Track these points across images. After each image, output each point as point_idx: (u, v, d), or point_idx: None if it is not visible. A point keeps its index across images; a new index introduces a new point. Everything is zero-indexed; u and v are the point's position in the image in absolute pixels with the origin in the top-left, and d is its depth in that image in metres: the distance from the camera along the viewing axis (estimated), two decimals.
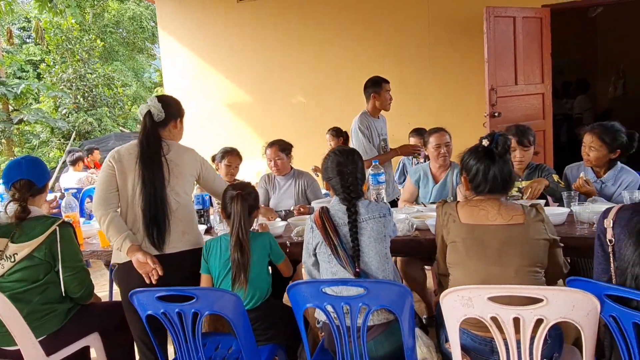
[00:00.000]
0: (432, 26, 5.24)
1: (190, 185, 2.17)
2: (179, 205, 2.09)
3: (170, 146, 2.12)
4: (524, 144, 2.78)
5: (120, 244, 1.99)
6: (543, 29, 4.76)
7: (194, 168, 2.18)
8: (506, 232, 1.64)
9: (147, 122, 2.10)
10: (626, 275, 1.35)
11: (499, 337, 1.44)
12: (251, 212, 2.06)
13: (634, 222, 1.40)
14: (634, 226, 1.39)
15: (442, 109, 5.24)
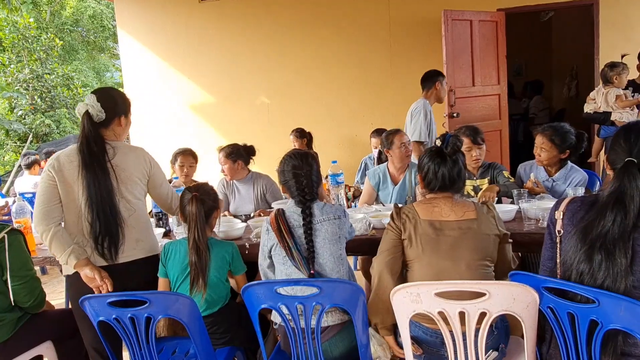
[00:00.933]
0: (394, 29, 5.34)
1: (141, 188, 2.05)
2: (132, 212, 1.98)
3: (115, 149, 1.96)
4: (478, 142, 2.88)
5: (65, 260, 1.89)
6: (498, 32, 4.93)
7: (143, 169, 2.03)
8: (460, 228, 1.71)
9: (86, 124, 1.92)
10: (571, 270, 1.41)
11: (446, 330, 1.49)
12: (210, 214, 2.05)
13: (579, 215, 1.48)
14: (578, 220, 1.47)
15: (404, 110, 5.31)
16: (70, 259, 1.88)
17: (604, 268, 1.34)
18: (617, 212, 1.35)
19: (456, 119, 4.52)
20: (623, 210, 1.35)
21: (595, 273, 1.35)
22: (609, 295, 1.28)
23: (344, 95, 5.51)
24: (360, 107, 5.49)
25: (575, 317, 1.34)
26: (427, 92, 3.82)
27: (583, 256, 1.38)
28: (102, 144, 1.94)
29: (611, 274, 1.33)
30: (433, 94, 3.79)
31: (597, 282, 1.35)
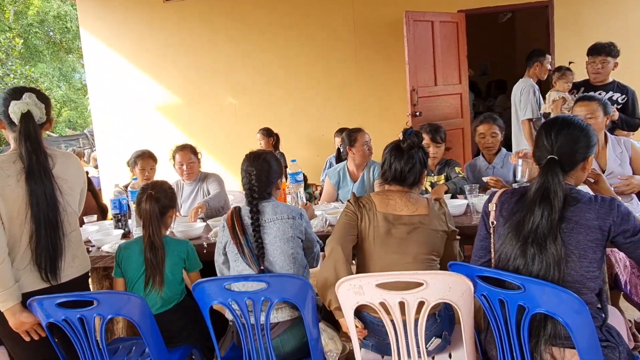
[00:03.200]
0: (358, 29, 5.41)
1: (77, 199, 1.90)
2: (73, 228, 1.85)
3: (53, 157, 1.77)
4: (437, 140, 2.99)
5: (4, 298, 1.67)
6: (459, 32, 5.06)
7: (81, 179, 1.90)
8: (411, 222, 1.77)
9: (31, 127, 1.70)
10: (508, 266, 1.49)
11: (387, 320, 1.55)
12: (165, 212, 2.06)
13: (508, 208, 1.55)
14: (508, 211, 1.55)
15: (369, 109, 5.42)
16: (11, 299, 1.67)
17: (537, 261, 1.42)
18: (544, 208, 1.43)
19: (419, 117, 4.62)
20: (549, 205, 1.43)
21: (530, 266, 1.43)
22: (533, 281, 1.35)
23: (310, 95, 5.56)
24: (326, 107, 5.55)
25: (505, 303, 1.41)
26: (528, 71, 4.07)
27: (518, 252, 1.46)
28: (45, 151, 1.74)
29: (544, 265, 1.41)
30: (533, 72, 4.03)
31: (532, 275, 1.43)
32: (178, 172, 3.22)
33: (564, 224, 1.44)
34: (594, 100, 2.60)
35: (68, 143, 12.45)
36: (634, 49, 5.06)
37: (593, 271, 1.42)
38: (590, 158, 1.55)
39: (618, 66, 3.74)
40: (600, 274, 1.44)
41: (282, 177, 2.15)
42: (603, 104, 2.58)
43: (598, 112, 2.54)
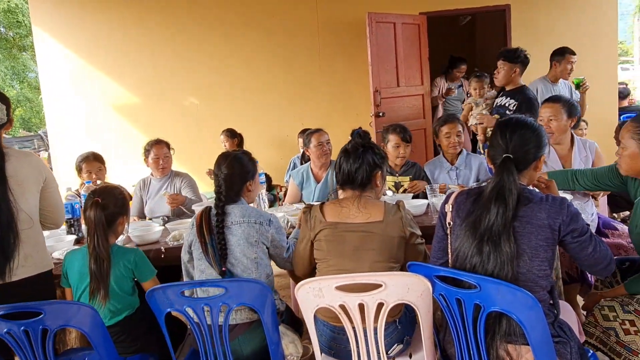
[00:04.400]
0: (321, 30, 5.41)
1: (36, 198, 1.89)
2: (30, 226, 1.84)
3: (9, 156, 1.80)
4: (407, 139, 2.99)
5: None
6: (421, 34, 5.14)
7: (39, 177, 1.89)
8: (364, 230, 1.73)
9: None
10: (465, 264, 1.50)
11: (347, 322, 1.54)
12: (113, 220, 1.96)
13: (465, 208, 1.57)
14: (465, 213, 1.56)
15: (333, 110, 5.43)
16: None
17: (492, 258, 1.44)
18: (499, 206, 1.45)
19: (382, 118, 4.66)
20: (504, 204, 1.45)
21: (485, 264, 1.45)
22: (488, 280, 1.37)
23: (274, 95, 5.51)
24: (290, 107, 5.52)
25: (462, 302, 1.42)
26: (548, 71, 4.04)
27: (475, 250, 1.48)
28: (2, 151, 1.78)
29: (499, 263, 1.43)
30: (551, 72, 4.00)
31: (487, 273, 1.45)
32: (153, 166, 3.19)
33: (517, 222, 1.47)
34: (559, 101, 2.59)
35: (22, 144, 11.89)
36: (585, 52, 5.27)
37: (545, 269, 1.45)
38: (542, 157, 1.59)
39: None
40: (552, 272, 1.48)
41: (254, 178, 2.09)
42: (568, 105, 2.57)
43: (561, 114, 2.54)
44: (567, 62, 3.90)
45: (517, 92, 3.38)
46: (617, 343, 1.75)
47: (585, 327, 1.86)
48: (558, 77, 3.96)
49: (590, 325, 1.84)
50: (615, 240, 2.43)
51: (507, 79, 3.44)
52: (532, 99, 3.31)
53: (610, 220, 2.60)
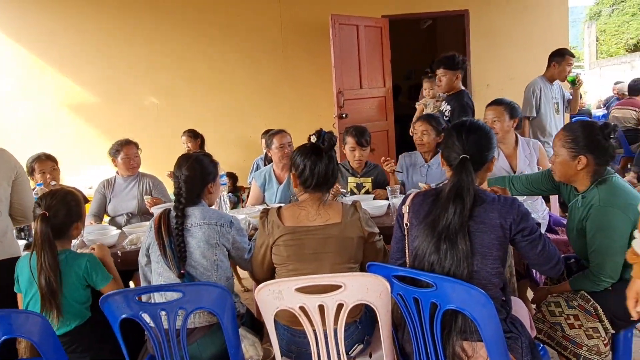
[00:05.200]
0: (285, 31, 5.40)
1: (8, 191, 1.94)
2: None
3: None
4: (362, 143, 3.02)
5: None
6: (383, 37, 5.21)
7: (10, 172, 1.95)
8: (323, 233, 1.73)
9: None
10: (424, 262, 1.53)
11: (307, 324, 1.54)
12: (65, 228, 1.88)
13: (424, 209, 1.60)
14: (424, 214, 1.59)
15: (296, 111, 5.43)
16: None
17: (449, 256, 1.48)
18: (457, 205, 1.50)
19: (345, 119, 4.69)
20: (462, 203, 1.50)
21: (442, 262, 1.49)
22: (444, 279, 1.41)
23: (237, 95, 5.46)
24: (254, 108, 5.48)
25: (419, 301, 1.45)
26: (546, 71, 4.05)
27: (432, 248, 1.51)
28: None
29: (455, 260, 1.47)
30: (550, 72, 4.01)
31: (444, 270, 1.48)
32: (123, 166, 3.18)
33: (471, 222, 1.51)
34: (502, 104, 2.75)
35: None
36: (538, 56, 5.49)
37: (497, 267, 1.50)
38: (494, 159, 1.65)
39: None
40: (505, 269, 1.53)
41: (215, 180, 2.06)
42: (510, 108, 2.74)
43: (504, 115, 2.71)
44: (567, 63, 3.93)
45: (453, 98, 3.53)
46: (563, 337, 1.82)
47: (534, 323, 1.93)
48: (555, 77, 4.00)
49: (539, 321, 1.91)
50: (564, 237, 2.54)
51: (450, 85, 3.57)
52: (465, 105, 3.42)
53: (560, 218, 2.73)
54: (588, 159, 1.82)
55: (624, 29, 20.36)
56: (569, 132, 1.88)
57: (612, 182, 1.82)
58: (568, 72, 3.95)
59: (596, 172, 1.85)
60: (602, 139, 1.82)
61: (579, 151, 1.83)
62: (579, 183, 1.90)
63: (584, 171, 1.85)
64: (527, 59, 5.49)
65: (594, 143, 1.82)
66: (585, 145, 1.82)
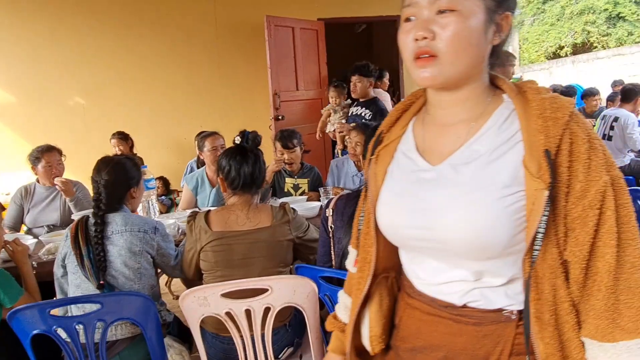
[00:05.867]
0: (220, 30, 5.30)
1: None
2: None
3: None
4: (288, 146, 3.01)
5: None
6: (319, 40, 5.26)
7: None
8: (253, 237, 1.71)
9: None
10: None
11: (234, 330, 1.51)
12: None
13: (347, 210, 1.63)
14: (348, 214, 1.62)
15: (232, 112, 5.35)
16: None
17: None
18: None
19: (281, 121, 4.68)
20: None
21: None
22: None
23: (170, 96, 5.28)
24: (188, 109, 5.33)
25: None
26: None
27: None
28: None
29: None
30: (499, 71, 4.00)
31: None
32: (43, 175, 2.96)
33: None
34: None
35: None
36: None
37: None
38: None
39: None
40: None
41: (138, 184, 1.98)
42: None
43: None
44: (511, 64, 3.94)
45: (371, 102, 3.73)
46: None
47: None
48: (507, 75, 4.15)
49: None
50: None
51: (364, 91, 3.76)
52: (384, 109, 3.65)
53: None
54: None
55: (543, 37, 21.94)
56: None
57: None
58: (513, 73, 4.13)
59: None
60: None
61: None
62: None
63: None
64: None
65: None
66: None
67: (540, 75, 14.64)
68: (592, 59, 12.46)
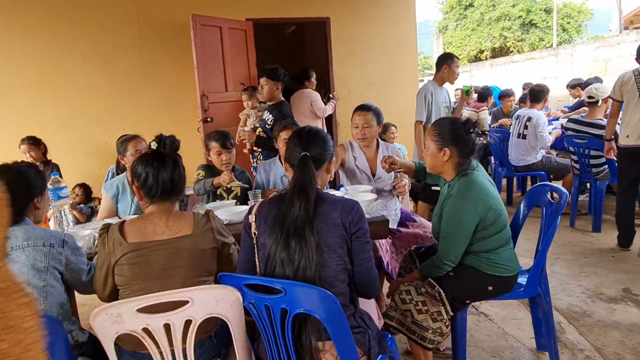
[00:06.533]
0: (143, 29, 5.06)
1: None
2: None
3: None
4: (227, 146, 2.92)
5: None
6: (248, 40, 5.18)
7: None
8: (173, 246, 1.61)
9: None
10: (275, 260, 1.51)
11: (153, 347, 1.43)
12: None
13: (270, 214, 1.59)
14: (271, 218, 1.58)
15: (159, 115, 5.13)
16: None
17: (299, 250, 1.49)
18: (302, 199, 1.52)
19: (210, 123, 4.55)
20: (306, 197, 1.53)
21: (292, 257, 1.49)
22: (292, 284, 1.41)
23: (90, 98, 4.97)
24: (109, 112, 5.04)
25: (270, 308, 1.44)
26: (435, 74, 4.03)
27: (282, 245, 1.51)
28: None
29: (305, 254, 1.49)
30: (440, 76, 3.98)
31: (295, 265, 1.49)
32: None
33: (315, 220, 1.54)
34: (370, 110, 2.78)
35: None
36: (393, 65, 5.96)
37: (342, 264, 1.55)
38: (333, 161, 1.73)
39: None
40: (348, 265, 1.59)
41: (43, 194, 1.82)
42: (377, 114, 2.81)
43: (373, 121, 2.78)
44: (456, 65, 4.01)
45: (274, 107, 3.72)
46: (412, 322, 1.98)
47: (388, 312, 2.07)
48: (445, 80, 4.01)
49: (392, 309, 2.05)
50: (414, 230, 2.77)
51: (271, 95, 3.73)
52: (286, 114, 3.63)
53: (410, 213, 2.96)
54: (452, 151, 2.03)
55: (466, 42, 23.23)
56: (437, 127, 2.09)
57: (471, 176, 2.02)
58: (457, 74, 4.07)
59: (459, 164, 2.06)
60: (464, 133, 2.04)
61: (444, 144, 2.04)
62: (446, 174, 2.11)
63: (449, 162, 2.06)
64: (384, 66, 5.92)
65: (457, 137, 2.04)
66: (449, 138, 2.03)
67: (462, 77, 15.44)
68: (508, 62, 13.35)
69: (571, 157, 4.47)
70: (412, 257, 2.45)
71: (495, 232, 2.00)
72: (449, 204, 2.01)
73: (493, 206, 1.96)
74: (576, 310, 2.83)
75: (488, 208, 1.95)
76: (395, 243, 2.75)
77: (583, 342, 2.48)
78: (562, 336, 2.53)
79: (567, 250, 3.81)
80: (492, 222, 1.97)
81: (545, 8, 21.66)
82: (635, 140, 3.55)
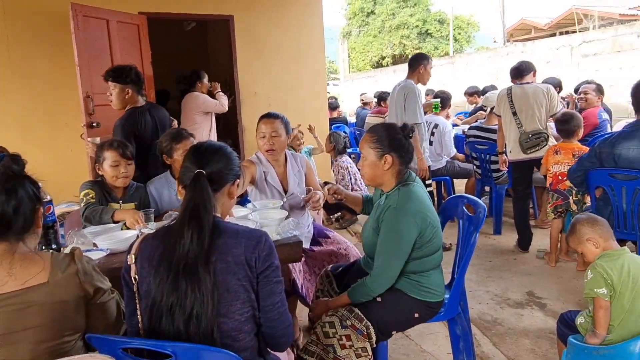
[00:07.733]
0: (10, 20, 4.32)
1: None
2: None
3: None
4: (127, 156, 2.47)
5: None
6: (141, 36, 4.66)
7: None
8: (19, 301, 1.19)
9: None
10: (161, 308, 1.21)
11: None
12: None
13: (156, 252, 1.26)
14: (157, 257, 1.25)
15: (33, 120, 4.42)
16: None
17: (191, 292, 1.19)
18: (194, 228, 1.23)
19: (97, 129, 3.98)
20: (199, 224, 1.24)
21: (183, 302, 1.19)
22: (185, 347, 1.12)
23: None
24: None
25: None
26: (411, 74, 3.79)
27: (170, 287, 1.20)
28: None
29: (198, 297, 1.19)
30: (416, 76, 3.77)
31: (186, 313, 1.19)
32: None
33: (213, 257, 1.25)
34: (278, 118, 2.51)
35: None
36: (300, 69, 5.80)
37: (248, 312, 1.28)
38: (237, 183, 1.45)
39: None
40: (256, 311, 1.32)
41: None
42: (285, 123, 2.54)
43: (282, 130, 2.49)
44: (430, 66, 3.84)
45: None
46: (334, 358, 1.78)
47: (308, 347, 1.85)
48: (419, 80, 3.80)
49: (313, 344, 1.84)
50: (328, 248, 2.57)
51: (122, 101, 3.13)
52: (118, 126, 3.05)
53: (323, 228, 2.76)
54: (393, 157, 1.87)
55: (368, 48, 24.04)
56: (374, 133, 1.92)
57: (411, 188, 1.87)
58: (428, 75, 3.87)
59: (400, 172, 1.92)
60: (403, 138, 1.90)
61: (384, 150, 1.88)
62: (386, 185, 1.94)
63: (389, 171, 1.90)
64: (291, 70, 5.72)
65: (397, 142, 1.89)
66: (389, 145, 1.88)
67: (367, 82, 15.90)
68: None
69: (473, 162, 4.63)
70: (328, 278, 2.25)
71: (431, 252, 1.88)
72: (387, 216, 1.83)
73: (432, 222, 1.84)
74: (487, 318, 2.84)
75: (427, 224, 1.82)
76: (309, 262, 2.53)
77: (498, 355, 2.47)
78: (477, 349, 2.50)
79: (473, 254, 3.90)
80: (428, 240, 1.84)
81: (439, 19, 23.15)
82: (517, 155, 3.76)
